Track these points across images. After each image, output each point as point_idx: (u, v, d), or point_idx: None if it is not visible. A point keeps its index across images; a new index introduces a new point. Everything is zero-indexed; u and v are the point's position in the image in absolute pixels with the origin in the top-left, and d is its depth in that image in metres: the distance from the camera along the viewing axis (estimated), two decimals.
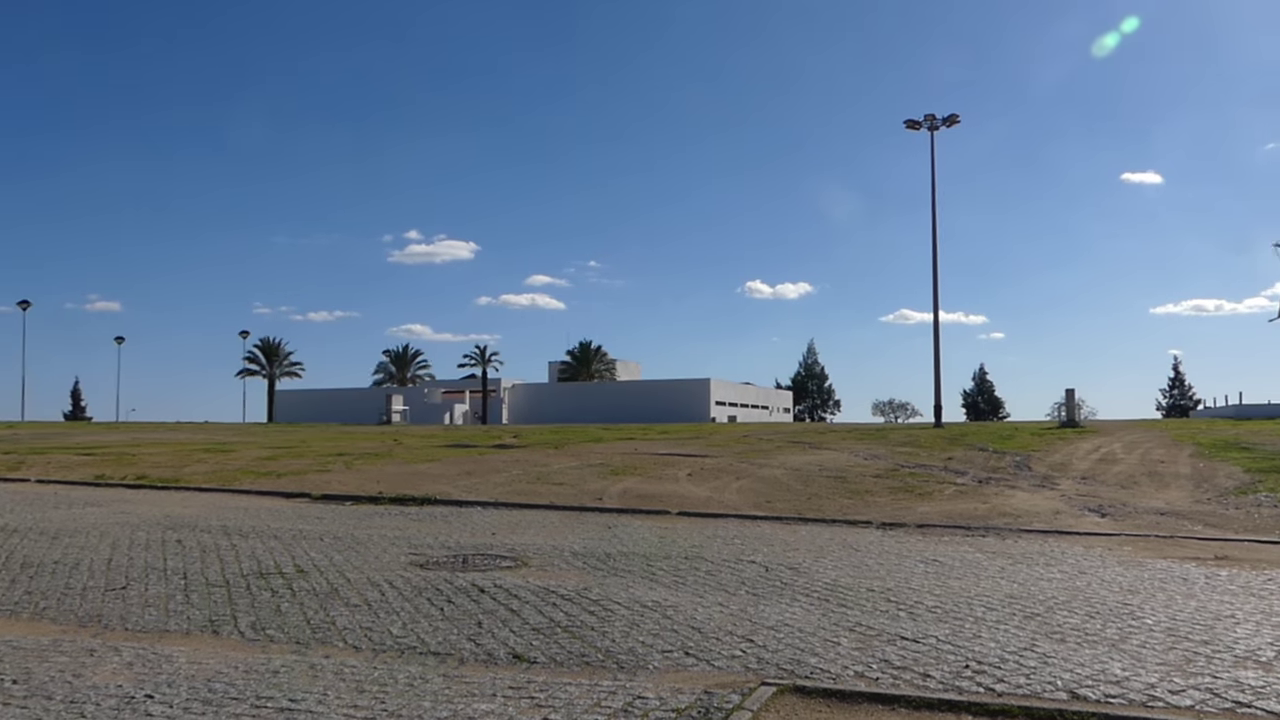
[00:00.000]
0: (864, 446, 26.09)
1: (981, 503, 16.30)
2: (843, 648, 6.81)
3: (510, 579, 9.42)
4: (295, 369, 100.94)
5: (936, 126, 40.56)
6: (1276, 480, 17.94)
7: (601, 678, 6.12)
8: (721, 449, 25.94)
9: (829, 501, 16.63)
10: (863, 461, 22.39)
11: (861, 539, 12.58)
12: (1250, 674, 6.09)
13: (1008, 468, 21.29)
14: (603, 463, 22.37)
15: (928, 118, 40.48)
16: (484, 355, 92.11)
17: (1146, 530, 13.54)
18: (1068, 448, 25.52)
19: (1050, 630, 7.33)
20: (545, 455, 25.27)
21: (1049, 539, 12.69)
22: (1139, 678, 6.02)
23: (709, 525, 13.96)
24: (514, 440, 32.19)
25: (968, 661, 6.42)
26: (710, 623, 7.57)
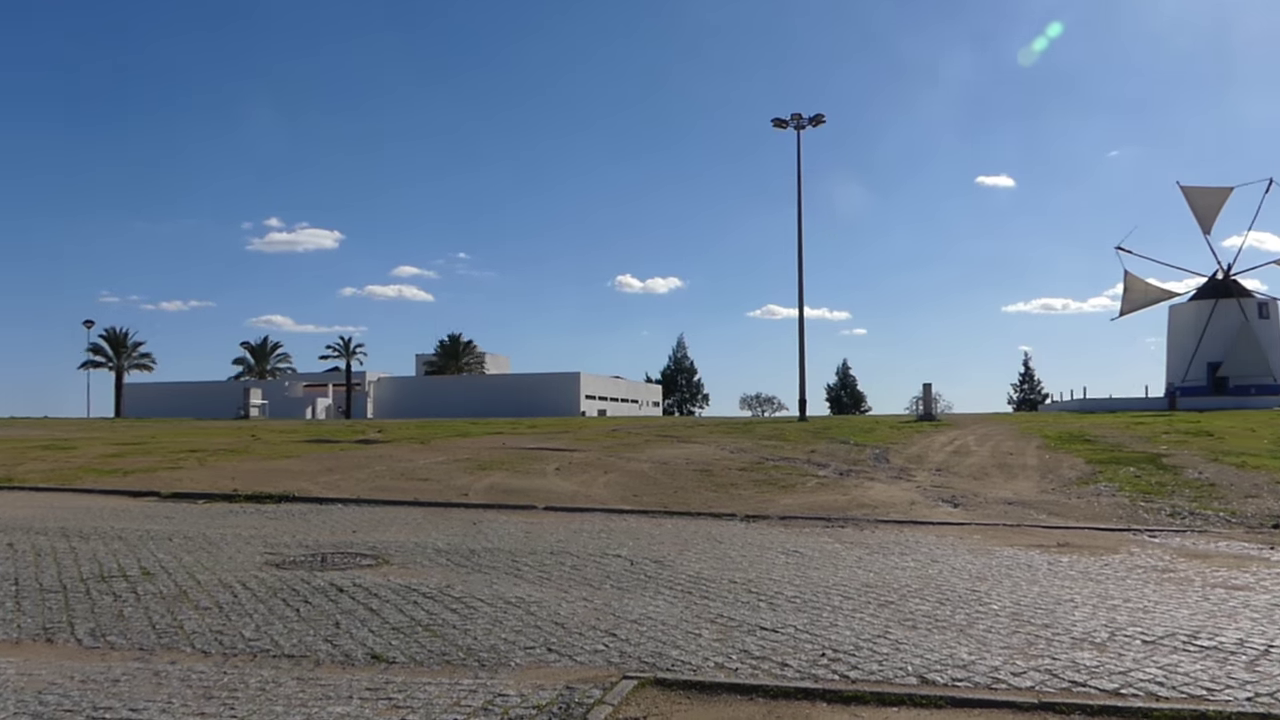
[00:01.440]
0: (730, 440, 26.49)
1: (842, 494, 16.75)
2: (704, 639, 6.89)
3: (370, 577, 9.22)
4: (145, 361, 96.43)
5: (803, 126, 41.44)
6: (1115, 471, 18.96)
7: (462, 676, 6.04)
8: (590, 443, 25.97)
9: (695, 495, 16.84)
10: (729, 455, 22.74)
11: (726, 531, 12.78)
12: (1086, 655, 6.41)
13: (868, 460, 21.93)
14: (470, 458, 22.13)
15: (794, 117, 41.32)
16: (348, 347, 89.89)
17: (995, 519, 14.14)
18: (924, 440, 26.44)
19: (903, 617, 7.57)
20: (410, 450, 24.85)
21: (904, 529, 13.13)
22: (984, 661, 6.28)
23: (576, 520, 13.96)
24: (378, 435, 31.55)
25: (824, 650, 6.58)
26: (574, 618, 7.56)
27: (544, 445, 25.42)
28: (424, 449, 25.19)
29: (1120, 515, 14.52)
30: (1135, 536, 12.49)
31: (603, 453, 23.12)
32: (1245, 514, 14.38)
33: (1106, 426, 29.93)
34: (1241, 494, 16.15)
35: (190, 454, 24.46)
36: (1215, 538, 12.43)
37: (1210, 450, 22.06)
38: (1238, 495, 16.05)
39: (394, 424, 43.97)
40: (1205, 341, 62.46)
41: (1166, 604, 8.07)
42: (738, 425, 34.82)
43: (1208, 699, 5.47)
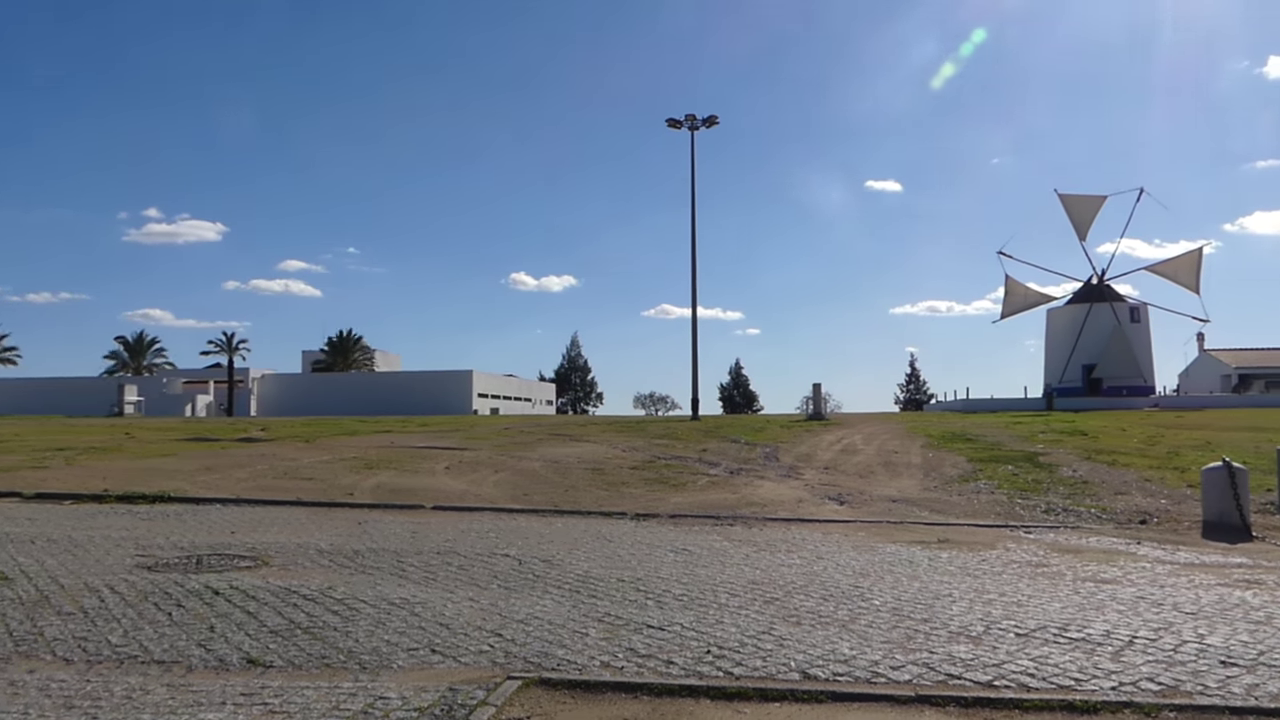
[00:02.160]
0: (623, 439, 26.53)
1: (732, 493, 16.91)
2: (591, 638, 6.85)
3: (248, 579, 8.93)
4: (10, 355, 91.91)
5: (697, 127, 41.74)
6: (994, 469, 19.58)
7: (342, 679, 5.89)
8: (481, 442, 25.71)
9: (586, 493, 16.79)
10: (621, 454, 22.76)
11: (616, 530, 12.77)
12: (962, 648, 6.58)
13: (758, 459, 22.19)
14: (357, 456, 21.66)
15: (688, 117, 41.60)
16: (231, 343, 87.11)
17: (879, 516, 14.44)
18: (813, 439, 26.90)
19: (788, 614, 7.66)
20: (295, 449, 24.22)
21: (792, 526, 13.30)
22: (865, 655, 6.39)
23: (464, 519, 13.77)
24: (261, 433, 30.67)
25: (709, 647, 6.60)
26: (459, 618, 7.45)
27: (434, 444, 25.06)
28: (309, 447, 24.58)
29: (998, 512, 14.99)
30: (1012, 532, 12.90)
31: (494, 451, 22.90)
32: (1115, 510, 14.99)
33: (987, 426, 30.92)
34: (1112, 491, 16.83)
35: (57, 452, 23.37)
36: (1087, 533, 12.92)
37: (1084, 449, 22.97)
38: (1109, 492, 16.73)
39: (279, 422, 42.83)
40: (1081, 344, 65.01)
41: (1039, 598, 8.34)
42: (631, 424, 34.90)
43: (1075, 689, 5.66)
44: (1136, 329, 66.59)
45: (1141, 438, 26.29)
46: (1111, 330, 64.70)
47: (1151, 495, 16.34)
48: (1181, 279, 66.25)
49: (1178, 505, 15.24)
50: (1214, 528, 13.11)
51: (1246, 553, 11.25)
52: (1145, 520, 14.12)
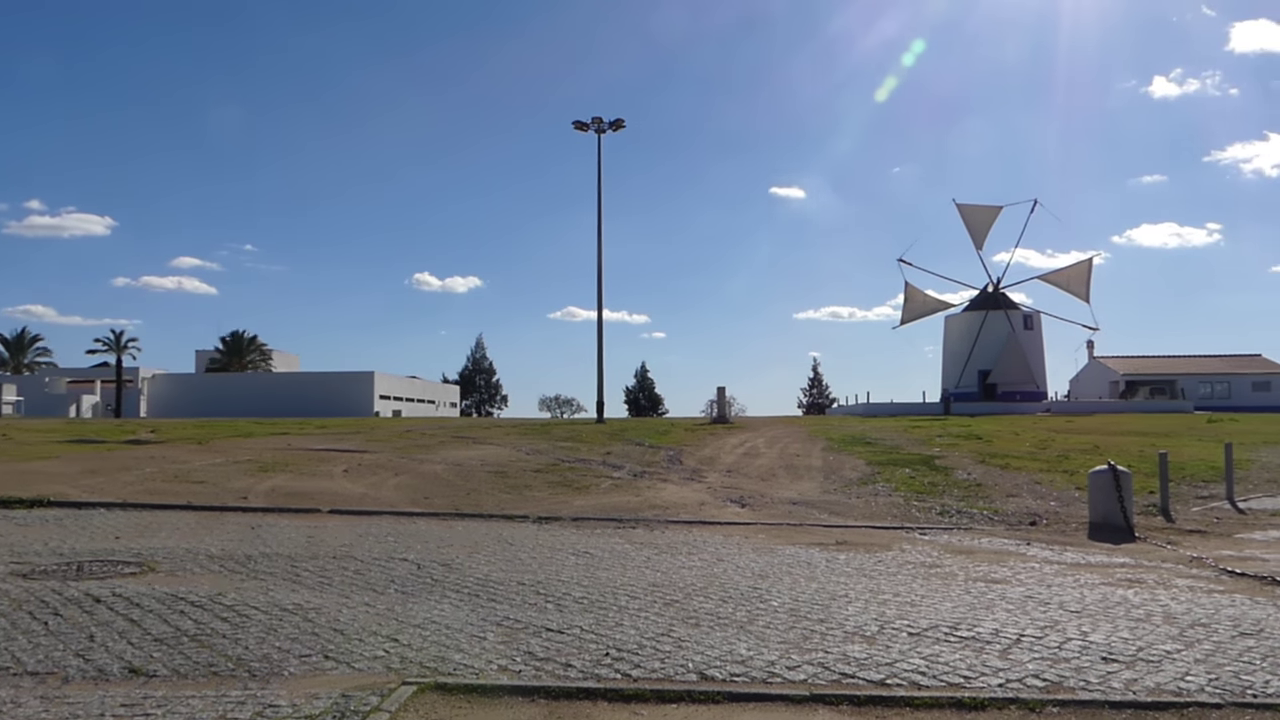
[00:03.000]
0: (527, 441, 26.36)
1: (635, 495, 16.93)
2: (489, 642, 6.78)
3: (133, 586, 8.60)
4: None
5: (603, 129, 41.75)
6: (892, 472, 19.99)
7: (230, 688, 5.71)
8: (382, 444, 25.28)
9: (488, 496, 16.63)
10: (525, 456, 22.62)
11: (517, 533, 12.67)
12: (857, 648, 6.68)
13: (662, 462, 22.27)
14: (251, 459, 21.09)
15: (595, 120, 41.59)
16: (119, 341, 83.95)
17: (780, 519, 14.62)
18: (717, 442, 27.10)
19: (687, 616, 7.68)
20: (186, 451, 23.47)
21: (694, 529, 13.37)
22: (762, 656, 6.44)
23: (362, 523, 13.51)
24: (150, 435, 29.66)
25: (608, 649, 6.58)
26: (354, 624, 7.29)
27: (333, 446, 24.56)
28: (201, 450, 23.85)
29: (895, 514, 15.30)
30: (907, 534, 13.18)
31: (395, 454, 22.54)
32: (1007, 512, 15.43)
33: (887, 430, 31.55)
34: (1004, 493, 17.33)
35: None
36: (979, 534, 13.27)
37: (979, 453, 23.61)
38: (1001, 494, 17.22)
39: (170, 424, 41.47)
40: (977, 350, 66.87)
41: (932, 598, 8.52)
42: (535, 426, 34.71)
43: (964, 686, 5.79)
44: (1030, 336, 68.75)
45: (1033, 442, 27.13)
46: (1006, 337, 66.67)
47: (1041, 497, 16.87)
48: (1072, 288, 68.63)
49: (1066, 507, 15.76)
50: (1099, 529, 13.58)
51: (1129, 553, 11.67)
52: (1035, 522, 14.57)
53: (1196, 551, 11.65)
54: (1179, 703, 5.47)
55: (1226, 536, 13.20)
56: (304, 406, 69.92)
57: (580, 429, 32.35)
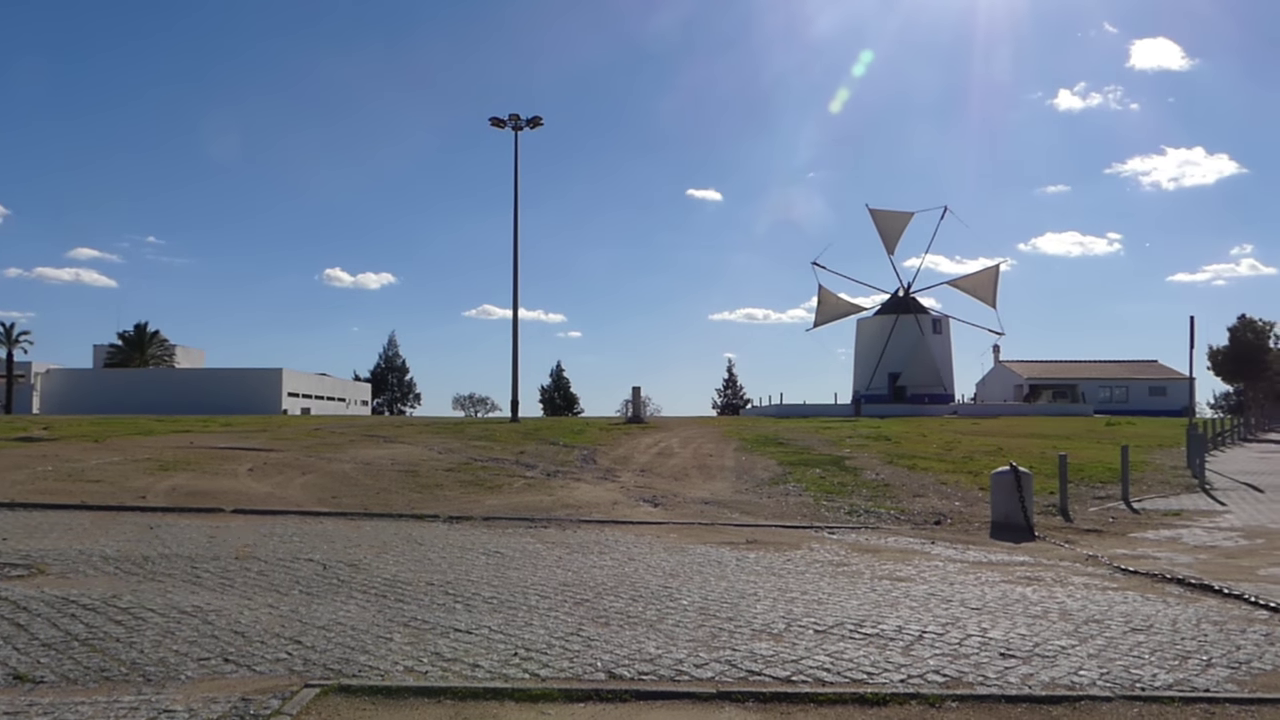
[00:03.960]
0: (440, 440, 26.07)
1: (547, 495, 16.86)
2: (395, 643, 6.68)
3: (20, 589, 8.27)
4: None
5: (521, 127, 41.46)
6: (803, 472, 20.24)
7: (123, 693, 5.52)
8: (289, 442, 24.75)
9: (398, 496, 16.41)
10: (437, 455, 22.37)
11: (427, 533, 12.52)
12: (764, 645, 6.74)
13: (575, 461, 22.22)
14: (151, 457, 20.46)
15: (512, 117, 41.25)
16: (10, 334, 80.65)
17: (692, 518, 14.71)
18: (631, 442, 27.12)
19: (597, 615, 7.67)
20: (81, 449, 22.66)
21: (606, 528, 13.37)
22: (670, 654, 6.46)
23: (267, 523, 13.21)
24: (43, 432, 28.58)
25: (517, 649, 6.54)
26: (256, 626, 7.12)
27: (238, 445, 23.96)
28: (98, 448, 23.06)
29: (805, 513, 15.51)
30: (816, 533, 13.36)
31: (302, 453, 22.09)
32: (913, 511, 15.75)
33: (799, 430, 31.93)
34: (911, 493, 17.69)
35: None
36: (886, 534, 13.52)
37: (887, 453, 24.05)
38: (907, 494, 17.57)
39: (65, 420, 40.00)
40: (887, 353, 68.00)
41: (839, 595, 8.65)
42: (448, 425, 34.31)
43: (868, 682, 5.89)
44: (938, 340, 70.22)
45: (940, 443, 27.73)
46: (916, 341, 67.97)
47: (946, 497, 17.25)
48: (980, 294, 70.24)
49: (970, 507, 16.14)
50: (1001, 528, 13.94)
51: (1029, 551, 12.00)
52: (940, 521, 14.89)
53: (1093, 550, 12.02)
54: (1072, 696, 5.63)
55: (1121, 536, 13.66)
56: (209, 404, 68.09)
57: (494, 428, 32.09)
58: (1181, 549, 12.35)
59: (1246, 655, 6.67)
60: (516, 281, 43.14)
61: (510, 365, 43.00)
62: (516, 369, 43.31)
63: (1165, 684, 5.94)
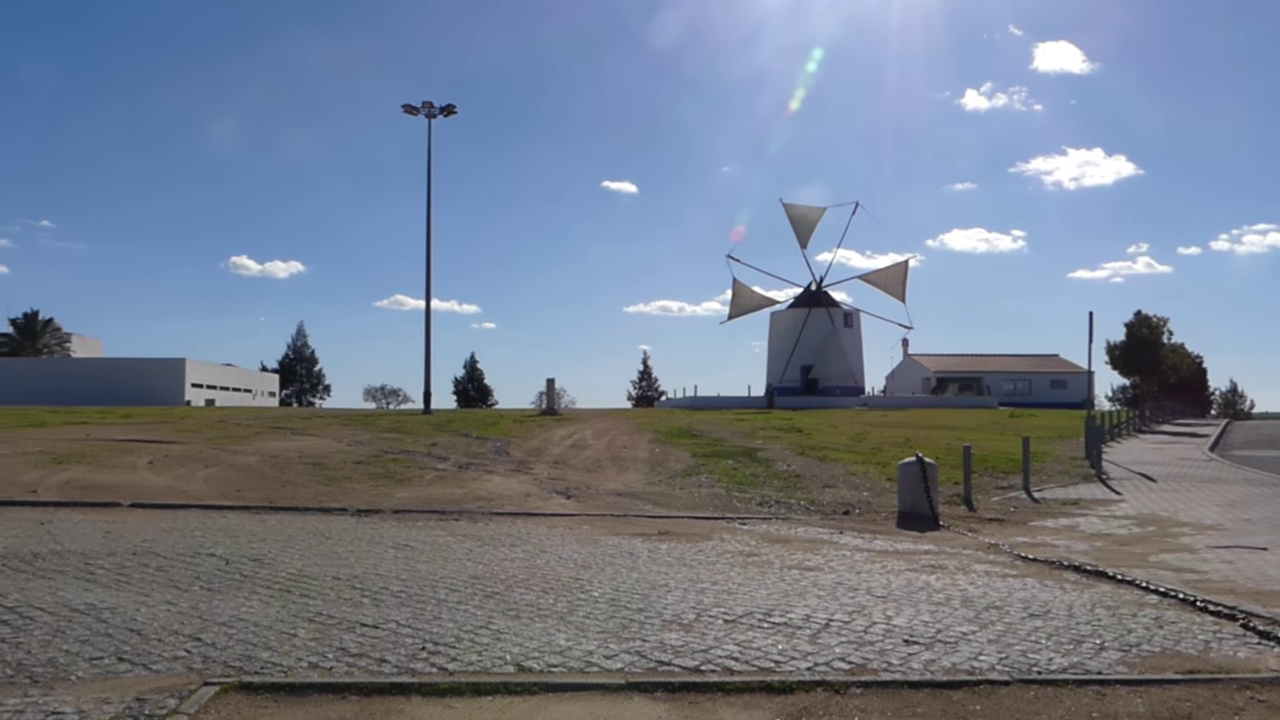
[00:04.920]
0: (349, 432, 25.62)
1: (459, 487, 16.70)
2: (299, 639, 6.54)
3: None
4: None
5: (434, 114, 40.85)
6: (716, 464, 20.39)
7: (8, 695, 5.31)
8: (192, 434, 24.08)
9: (305, 489, 16.08)
10: (346, 448, 21.99)
11: (334, 527, 12.29)
12: (674, 635, 6.77)
13: (488, 453, 22.05)
14: (44, 450, 19.70)
15: (425, 105, 40.60)
16: None
17: (605, 510, 14.70)
18: (545, 434, 27.00)
19: (507, 608, 7.62)
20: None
21: (518, 520, 13.29)
22: (580, 646, 6.45)
23: (167, 517, 12.83)
24: None
25: (424, 643, 6.46)
26: (153, 623, 6.91)
27: (137, 437, 23.22)
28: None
29: (717, 504, 15.63)
30: (728, 524, 13.47)
31: (206, 445, 21.51)
32: (823, 502, 15.99)
33: (712, 422, 32.15)
34: (821, 484, 17.95)
35: None
36: (796, 524, 13.69)
37: (799, 445, 24.38)
38: (818, 485, 17.83)
39: None
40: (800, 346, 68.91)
41: (748, 585, 8.73)
42: (359, 417, 33.74)
43: (775, 670, 5.95)
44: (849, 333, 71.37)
45: (850, 435, 28.21)
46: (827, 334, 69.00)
47: (855, 488, 17.55)
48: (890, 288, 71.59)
49: (878, 497, 16.45)
50: (907, 517, 14.23)
51: (934, 540, 12.27)
52: (848, 511, 15.14)
53: (994, 539, 12.34)
54: (972, 681, 5.77)
55: (1022, 524, 14.05)
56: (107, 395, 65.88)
57: (406, 420, 31.66)
58: (1079, 537, 12.75)
59: (1137, 638, 6.92)
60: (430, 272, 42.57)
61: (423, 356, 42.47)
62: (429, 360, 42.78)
63: (1060, 667, 6.13)
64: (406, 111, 41.00)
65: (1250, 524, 13.66)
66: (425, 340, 41.92)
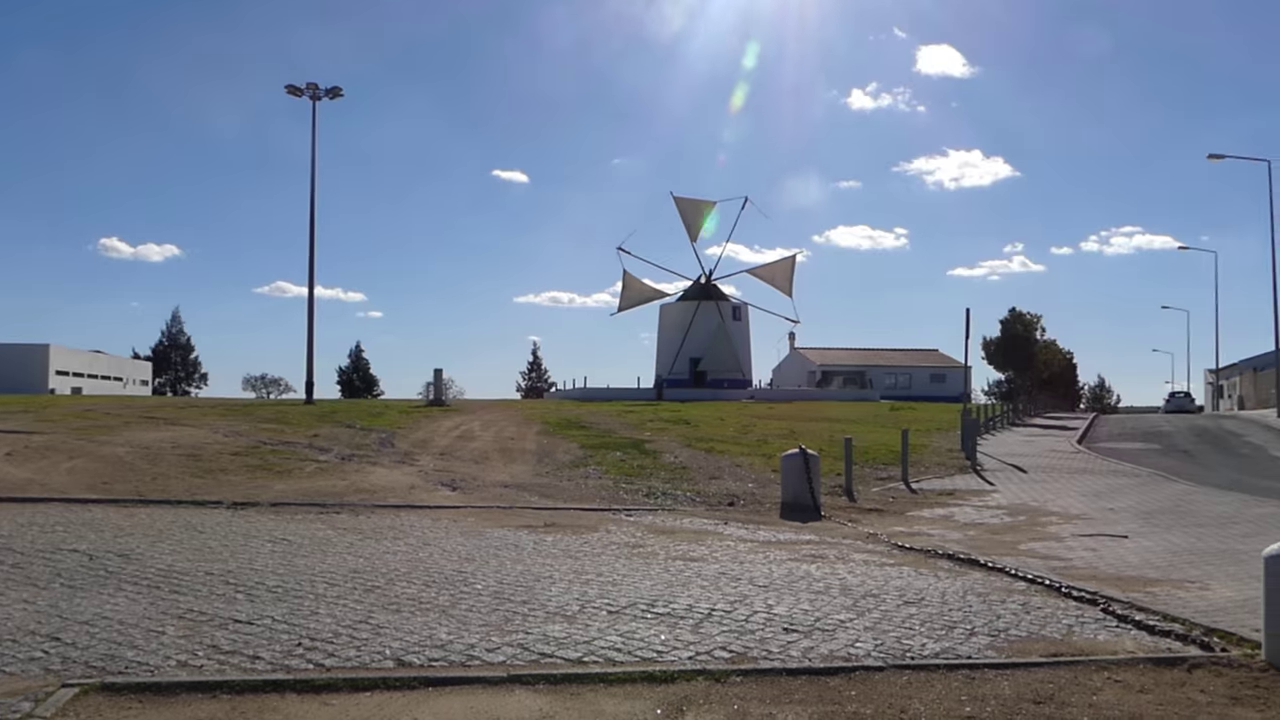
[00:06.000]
0: (226, 423, 24.83)
1: (341, 479, 16.35)
2: (168, 637, 6.31)
3: None
4: None
5: (319, 96, 39.71)
6: (604, 455, 20.40)
7: None
8: (56, 424, 23.00)
9: (177, 481, 15.51)
10: (222, 439, 21.30)
11: (208, 520, 11.89)
12: (557, 628, 6.75)
13: (372, 444, 21.63)
14: None
15: (310, 86, 39.41)
16: None
17: (491, 502, 14.58)
18: (432, 425, 26.62)
19: (388, 602, 7.49)
20: None
21: (401, 513, 13.08)
22: (462, 639, 6.37)
23: (27, 511, 12.21)
24: None
25: (301, 639, 6.30)
26: (8, 623, 6.58)
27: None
28: None
29: (604, 496, 15.65)
30: (615, 515, 13.50)
31: (70, 435, 20.57)
32: (709, 493, 16.15)
33: (602, 414, 32.18)
34: (707, 476, 18.13)
35: None
36: (682, 515, 13.80)
37: (686, 437, 24.57)
38: (704, 477, 18.00)
39: None
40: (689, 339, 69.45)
41: (633, 576, 8.77)
42: (237, 407, 32.71)
43: (657, 660, 5.99)
44: (738, 327, 72.27)
45: (737, 427, 28.57)
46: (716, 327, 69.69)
47: (741, 479, 17.78)
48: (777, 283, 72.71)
49: (763, 488, 16.69)
50: (790, 508, 14.47)
51: (815, 530, 12.51)
52: (733, 502, 15.33)
53: (874, 529, 12.65)
54: (848, 667, 5.90)
55: (900, 514, 14.44)
56: None
57: (287, 410, 30.84)
58: (953, 526, 13.16)
59: (1005, 624, 7.17)
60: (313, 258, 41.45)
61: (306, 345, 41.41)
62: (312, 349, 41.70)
63: (933, 652, 6.31)
64: (290, 93, 39.80)
65: (1113, 513, 14.30)
66: (308, 328, 40.88)
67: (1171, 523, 13.21)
